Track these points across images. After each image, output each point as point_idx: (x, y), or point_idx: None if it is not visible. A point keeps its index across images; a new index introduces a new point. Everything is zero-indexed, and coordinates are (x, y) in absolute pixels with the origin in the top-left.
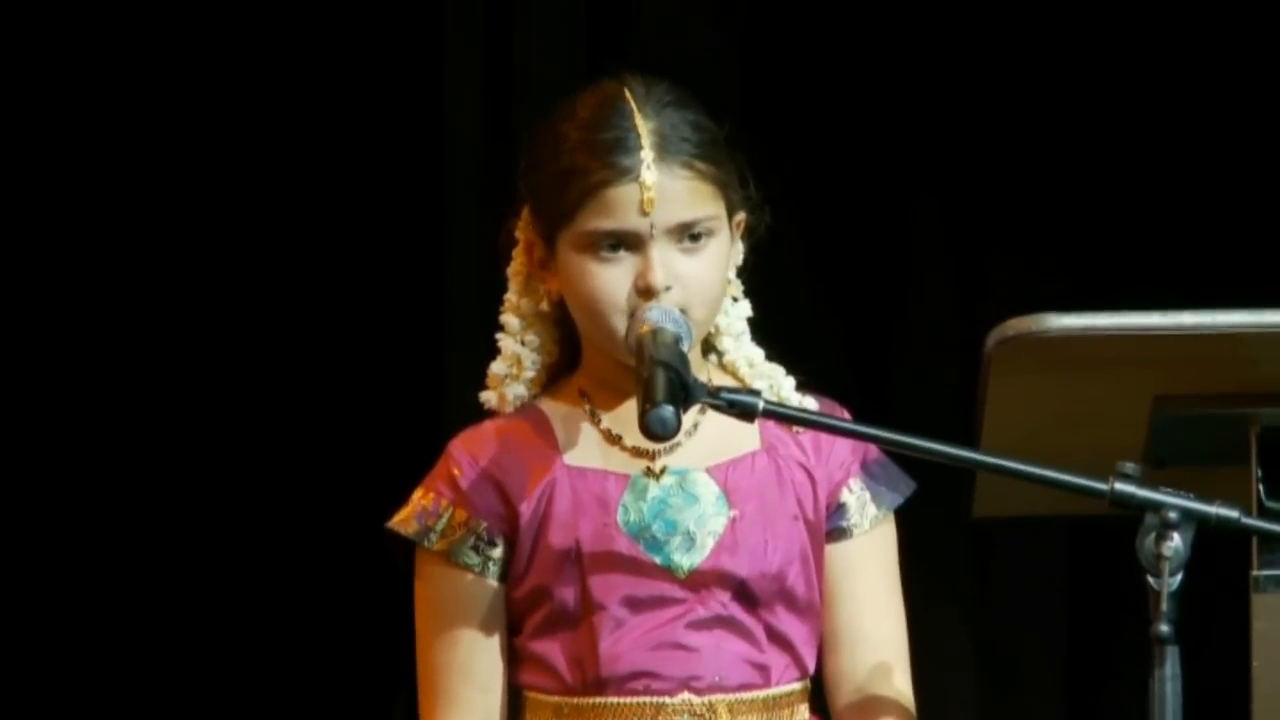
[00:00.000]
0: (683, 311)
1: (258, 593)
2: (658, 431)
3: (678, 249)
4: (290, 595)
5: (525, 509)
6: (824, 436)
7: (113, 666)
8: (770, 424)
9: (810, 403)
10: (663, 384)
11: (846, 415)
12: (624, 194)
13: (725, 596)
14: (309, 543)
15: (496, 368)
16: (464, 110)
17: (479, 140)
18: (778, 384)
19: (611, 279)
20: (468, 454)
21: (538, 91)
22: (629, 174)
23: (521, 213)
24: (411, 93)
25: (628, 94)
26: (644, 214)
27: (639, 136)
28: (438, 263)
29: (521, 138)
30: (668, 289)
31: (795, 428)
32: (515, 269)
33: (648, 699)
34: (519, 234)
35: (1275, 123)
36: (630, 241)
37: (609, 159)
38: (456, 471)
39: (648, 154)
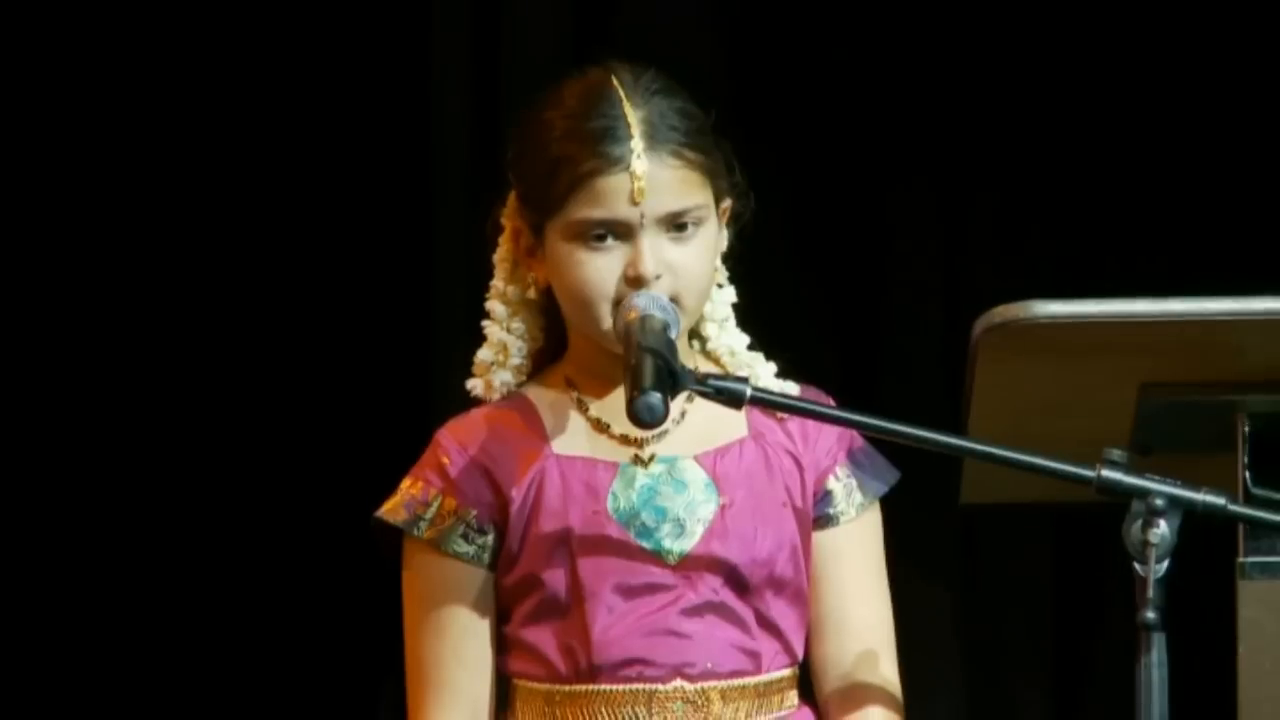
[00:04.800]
0: (673, 300)
1: (245, 583)
2: (645, 418)
3: (667, 238)
4: (278, 585)
5: (515, 496)
6: (811, 424)
7: (99, 659)
8: (757, 411)
9: (792, 389)
10: (650, 371)
11: (830, 402)
12: (614, 183)
13: (716, 583)
14: (297, 534)
15: (483, 355)
16: (451, 96)
17: (466, 126)
18: (757, 372)
19: (600, 268)
20: (456, 442)
21: (526, 76)
22: (619, 163)
23: (508, 199)
24: (399, 78)
25: (615, 82)
26: (634, 203)
27: (628, 125)
28: (425, 251)
29: (509, 124)
30: (658, 278)
31: (781, 415)
32: (501, 255)
33: (641, 686)
34: (505, 220)
35: (1261, 111)
36: (620, 231)
37: (598, 148)
38: (445, 460)
39: (637, 143)
